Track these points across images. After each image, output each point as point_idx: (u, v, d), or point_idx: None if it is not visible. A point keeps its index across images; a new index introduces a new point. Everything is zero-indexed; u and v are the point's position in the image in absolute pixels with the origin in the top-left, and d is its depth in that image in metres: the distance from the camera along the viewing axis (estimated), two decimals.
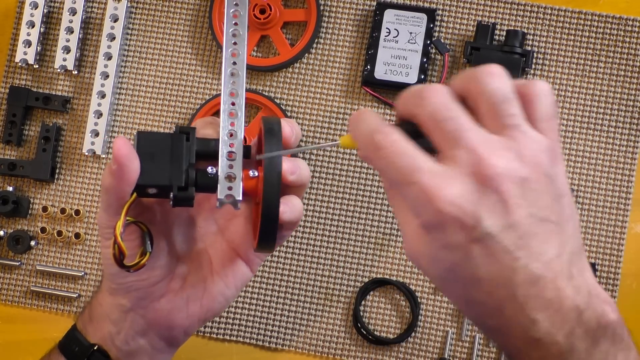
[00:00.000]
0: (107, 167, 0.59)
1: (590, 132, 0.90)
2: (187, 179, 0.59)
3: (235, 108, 0.62)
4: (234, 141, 0.61)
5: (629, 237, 0.89)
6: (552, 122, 0.47)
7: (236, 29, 0.63)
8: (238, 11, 0.63)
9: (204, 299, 0.66)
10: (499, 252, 0.45)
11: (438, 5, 0.92)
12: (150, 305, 0.64)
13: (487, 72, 0.47)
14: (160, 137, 0.60)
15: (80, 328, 0.66)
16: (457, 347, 0.89)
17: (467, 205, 0.44)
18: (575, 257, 0.47)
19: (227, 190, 0.60)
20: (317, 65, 0.93)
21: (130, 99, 0.94)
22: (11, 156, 0.94)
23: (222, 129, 0.61)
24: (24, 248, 0.92)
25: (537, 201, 0.45)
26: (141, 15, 0.95)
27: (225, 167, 0.60)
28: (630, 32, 0.90)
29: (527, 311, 0.46)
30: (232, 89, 0.62)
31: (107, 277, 0.64)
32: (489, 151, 0.45)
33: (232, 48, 0.63)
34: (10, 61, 0.95)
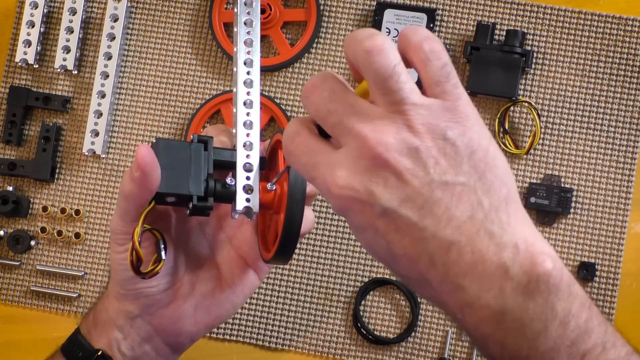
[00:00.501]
0: (127, 174, 0.58)
1: (590, 132, 0.90)
2: (206, 189, 0.59)
3: (251, 118, 0.62)
4: (250, 152, 0.61)
5: (629, 237, 0.89)
6: (446, 83, 0.47)
7: (249, 36, 0.62)
8: (250, 19, 0.62)
9: (212, 306, 0.65)
10: (404, 226, 0.44)
11: (438, 5, 0.92)
12: (157, 312, 0.64)
13: (367, 51, 0.46)
14: (180, 145, 0.60)
15: (84, 332, 0.66)
16: (457, 347, 0.89)
17: (358, 185, 0.45)
18: (497, 211, 0.45)
19: (245, 202, 0.60)
20: (317, 65, 0.93)
21: (130, 99, 0.94)
22: (11, 156, 0.94)
23: (238, 139, 0.61)
24: (24, 248, 0.92)
25: (435, 167, 0.44)
26: (141, 15, 0.95)
27: (243, 179, 0.60)
28: (630, 32, 0.90)
29: (451, 279, 0.44)
30: (247, 99, 0.62)
31: (117, 282, 0.63)
32: (374, 131, 0.45)
33: (245, 56, 0.62)
34: (10, 61, 0.95)
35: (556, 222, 0.89)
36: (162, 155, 0.59)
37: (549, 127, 0.90)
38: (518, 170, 0.90)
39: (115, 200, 0.93)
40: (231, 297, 0.66)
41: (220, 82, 0.93)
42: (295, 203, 0.58)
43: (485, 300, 0.44)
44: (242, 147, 0.61)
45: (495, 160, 0.46)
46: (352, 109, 0.46)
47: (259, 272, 0.67)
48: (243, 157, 0.61)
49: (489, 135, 0.47)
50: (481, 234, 0.44)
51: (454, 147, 0.45)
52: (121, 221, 0.60)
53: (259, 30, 0.63)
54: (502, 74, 0.88)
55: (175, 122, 0.93)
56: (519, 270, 0.44)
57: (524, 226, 0.46)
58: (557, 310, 0.44)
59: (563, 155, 0.90)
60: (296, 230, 0.58)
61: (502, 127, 0.90)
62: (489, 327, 0.45)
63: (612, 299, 0.88)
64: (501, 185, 0.46)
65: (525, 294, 0.44)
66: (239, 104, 0.62)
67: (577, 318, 0.45)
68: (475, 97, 0.91)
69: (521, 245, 0.45)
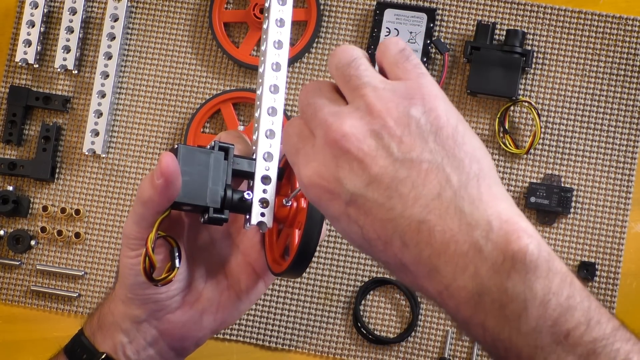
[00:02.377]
0: (148, 180, 0.58)
1: (590, 132, 0.90)
2: (223, 201, 0.59)
3: (274, 127, 0.61)
4: (270, 163, 0.60)
5: (629, 236, 0.89)
6: (405, 63, 0.47)
7: (280, 37, 0.61)
8: (282, 18, 0.61)
9: (218, 312, 0.65)
10: (373, 209, 0.44)
11: (438, 5, 0.92)
12: (164, 317, 0.64)
13: (333, 54, 0.48)
14: (201, 153, 0.59)
15: (88, 335, 0.65)
16: (457, 347, 0.89)
17: (325, 173, 0.45)
18: (466, 188, 0.44)
19: (259, 216, 0.59)
20: (317, 65, 0.93)
21: (130, 99, 0.94)
22: (11, 156, 0.94)
23: (259, 150, 0.60)
24: (24, 248, 0.92)
25: (400, 145, 0.44)
26: (141, 15, 0.95)
27: (260, 192, 0.59)
28: (630, 32, 0.90)
29: (425, 260, 0.44)
30: (272, 106, 0.61)
31: (125, 286, 0.63)
32: (336, 119, 0.45)
33: (274, 58, 0.60)
34: (11, 61, 0.95)
35: (556, 222, 0.89)
36: (182, 162, 0.58)
37: (549, 127, 0.90)
38: (518, 170, 0.90)
39: (115, 199, 0.93)
40: (237, 303, 0.66)
41: (220, 82, 0.93)
42: (314, 224, 0.57)
43: (461, 281, 0.43)
44: (262, 159, 0.60)
45: (465, 137, 0.45)
46: (325, 101, 0.47)
47: (265, 279, 0.66)
48: (262, 168, 0.60)
49: (457, 113, 0.46)
50: (451, 211, 0.43)
51: (418, 125, 0.45)
52: (136, 226, 0.60)
53: (289, 32, 0.61)
54: (502, 74, 0.88)
55: (175, 122, 0.93)
56: (493, 248, 0.43)
57: (497, 201, 0.44)
58: (536, 289, 0.43)
59: (563, 155, 0.90)
60: (313, 249, 0.57)
61: (502, 127, 0.90)
62: (468, 309, 0.44)
63: (612, 299, 0.88)
64: (472, 161, 0.45)
65: (501, 273, 0.43)
66: (263, 111, 0.60)
67: (558, 296, 0.43)
68: (476, 97, 0.91)
69: (494, 222, 0.43)
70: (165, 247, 0.61)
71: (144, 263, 0.58)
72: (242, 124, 0.92)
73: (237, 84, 0.93)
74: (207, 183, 0.59)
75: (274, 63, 0.61)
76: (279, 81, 0.61)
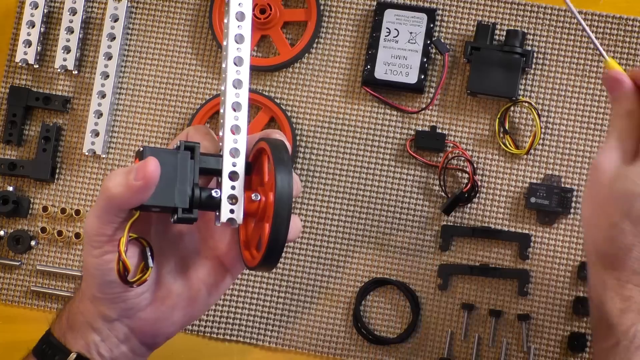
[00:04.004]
0: (119, 176, 0.58)
1: (590, 132, 0.90)
2: (191, 201, 0.59)
3: (239, 122, 0.61)
4: (237, 159, 0.60)
5: None
6: None
7: (240, 31, 0.61)
8: (242, 12, 0.61)
9: (188, 307, 0.65)
10: None
11: (438, 5, 0.92)
12: (135, 315, 0.64)
13: None
14: (167, 154, 0.59)
15: (58, 336, 0.65)
16: (457, 347, 0.89)
17: None
18: None
19: (229, 213, 0.59)
20: (317, 65, 0.93)
21: (130, 99, 0.94)
22: (11, 156, 0.94)
23: (225, 146, 0.60)
24: (24, 248, 0.92)
25: None
26: (141, 15, 0.95)
27: (228, 189, 0.59)
28: (630, 32, 0.90)
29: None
30: (235, 101, 0.61)
31: (93, 286, 0.62)
32: None
33: (235, 53, 0.61)
34: (11, 61, 0.95)
35: (556, 222, 0.89)
36: None
37: (549, 127, 0.90)
38: (518, 171, 0.90)
39: None
40: (206, 297, 0.66)
41: (220, 88, 0.93)
42: (281, 218, 0.57)
43: None
44: (229, 155, 0.60)
45: None
46: None
47: (233, 272, 0.67)
48: (229, 165, 0.60)
49: None
50: None
51: None
52: (98, 221, 0.59)
53: (250, 26, 0.61)
54: (502, 74, 0.88)
55: (175, 122, 0.93)
56: None
57: None
58: None
59: (563, 155, 0.90)
60: (282, 243, 0.58)
61: (502, 127, 0.90)
62: None
63: None
64: None
65: None
66: (228, 106, 0.60)
67: None
68: (476, 97, 0.91)
69: None
70: (136, 247, 0.61)
71: (118, 266, 0.58)
72: None
73: None
74: (174, 184, 0.59)
75: (236, 57, 0.61)
76: (242, 76, 0.61)
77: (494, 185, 0.90)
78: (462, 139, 0.91)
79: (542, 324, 0.88)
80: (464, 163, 0.90)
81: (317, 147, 0.92)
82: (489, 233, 0.89)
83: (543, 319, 0.88)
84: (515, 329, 0.88)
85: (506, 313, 0.89)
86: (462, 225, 0.90)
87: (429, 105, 0.91)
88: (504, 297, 0.89)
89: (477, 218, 0.90)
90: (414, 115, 0.91)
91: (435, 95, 0.90)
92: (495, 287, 0.89)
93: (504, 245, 0.89)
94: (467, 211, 0.90)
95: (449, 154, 0.90)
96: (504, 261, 0.89)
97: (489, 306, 0.89)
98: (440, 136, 0.90)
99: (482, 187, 0.90)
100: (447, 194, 0.90)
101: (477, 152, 0.91)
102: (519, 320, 0.88)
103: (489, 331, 0.88)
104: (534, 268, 0.89)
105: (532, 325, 0.88)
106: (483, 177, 0.90)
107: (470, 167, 0.89)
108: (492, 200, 0.90)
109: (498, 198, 0.90)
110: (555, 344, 0.88)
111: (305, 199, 0.91)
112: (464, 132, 0.91)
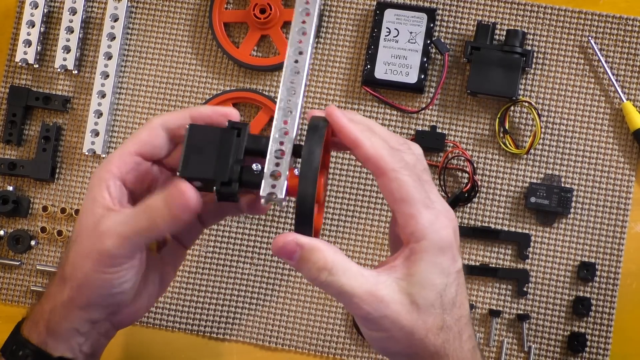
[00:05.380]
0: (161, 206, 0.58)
1: (590, 132, 0.90)
2: (231, 174, 0.59)
3: (291, 106, 0.61)
4: (285, 139, 0.60)
5: (629, 237, 0.89)
6: None
7: (304, 27, 0.62)
8: (308, 9, 0.62)
9: (160, 292, 0.67)
10: None
11: (438, 5, 0.92)
12: (121, 311, 0.65)
13: None
14: (211, 131, 0.60)
15: (37, 343, 0.64)
16: None
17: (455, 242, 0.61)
18: None
19: (270, 188, 0.59)
20: (317, 65, 0.93)
21: (130, 99, 0.94)
22: (11, 156, 0.94)
23: (275, 126, 0.61)
24: (24, 248, 0.92)
25: None
26: (141, 15, 0.95)
27: (272, 165, 0.59)
28: (630, 32, 0.90)
29: None
30: (291, 87, 0.62)
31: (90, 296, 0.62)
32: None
33: (297, 46, 0.61)
34: (11, 61, 0.95)
35: (556, 222, 0.89)
36: (192, 140, 0.59)
37: (549, 127, 0.90)
38: (518, 171, 0.90)
39: None
40: (172, 276, 0.68)
41: (220, 82, 0.93)
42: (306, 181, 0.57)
43: None
44: (277, 134, 0.60)
45: None
46: None
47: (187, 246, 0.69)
48: (276, 143, 0.60)
49: None
50: None
51: None
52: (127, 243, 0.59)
53: (315, 21, 0.61)
54: (502, 74, 0.88)
55: None
56: None
57: None
58: None
59: (563, 155, 0.90)
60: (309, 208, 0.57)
61: (502, 127, 0.90)
62: None
63: (612, 299, 0.88)
64: None
65: None
66: (283, 91, 0.61)
67: None
68: (476, 97, 0.91)
69: None
70: None
71: None
72: None
73: (237, 84, 0.93)
74: (214, 159, 0.59)
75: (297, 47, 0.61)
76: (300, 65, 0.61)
77: (494, 185, 0.90)
78: (462, 138, 0.91)
79: (542, 324, 0.88)
80: (464, 163, 0.90)
81: None
82: (488, 233, 0.89)
83: (543, 319, 0.88)
84: (515, 329, 0.88)
85: (506, 313, 0.89)
86: (462, 225, 0.90)
87: (429, 105, 0.91)
88: (504, 297, 0.89)
89: (477, 218, 0.90)
90: (414, 115, 0.91)
91: (435, 95, 0.90)
92: (495, 287, 0.89)
93: (504, 245, 0.89)
94: (467, 211, 0.90)
95: (449, 153, 0.90)
96: (503, 261, 0.89)
97: (489, 306, 0.89)
98: (440, 136, 0.90)
99: (482, 187, 0.90)
100: (447, 194, 0.90)
101: (477, 152, 0.91)
102: (518, 320, 0.88)
103: (489, 331, 0.88)
104: (534, 268, 0.89)
105: (532, 325, 0.88)
106: (483, 177, 0.90)
107: (470, 167, 0.89)
108: (492, 200, 0.90)
109: (498, 198, 0.90)
110: (555, 344, 0.88)
111: None
112: (464, 132, 0.91)
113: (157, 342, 0.91)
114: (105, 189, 0.61)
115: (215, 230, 0.92)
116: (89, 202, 0.61)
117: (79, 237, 0.61)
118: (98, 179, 0.61)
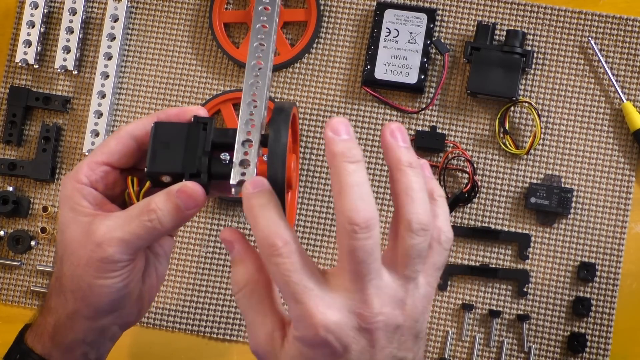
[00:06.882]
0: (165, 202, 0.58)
1: (590, 132, 0.90)
2: (199, 166, 0.59)
3: (256, 97, 0.62)
4: (252, 130, 0.61)
5: (629, 237, 0.89)
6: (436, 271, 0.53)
7: (264, 20, 0.62)
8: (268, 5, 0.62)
9: (158, 282, 0.66)
10: None
11: (438, 5, 0.92)
12: (125, 313, 0.64)
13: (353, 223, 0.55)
14: (177, 126, 0.60)
15: (41, 354, 0.63)
16: (457, 347, 0.89)
17: (342, 335, 0.50)
18: None
19: (240, 176, 0.59)
20: (317, 65, 0.93)
21: (130, 99, 0.94)
22: (11, 156, 0.94)
23: (241, 117, 0.61)
24: (24, 248, 0.92)
25: (401, 344, 0.51)
26: (141, 15, 0.95)
27: (241, 154, 0.60)
28: (630, 32, 0.90)
29: None
30: (255, 80, 0.62)
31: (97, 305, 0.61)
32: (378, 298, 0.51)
33: (259, 38, 0.62)
34: (11, 61, 0.95)
35: (556, 222, 0.89)
36: (158, 136, 0.59)
37: (549, 127, 0.90)
38: (518, 171, 0.90)
39: None
40: (166, 269, 0.68)
41: (220, 82, 0.93)
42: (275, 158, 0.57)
43: None
44: (244, 125, 0.61)
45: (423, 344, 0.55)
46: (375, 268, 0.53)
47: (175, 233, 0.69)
48: (243, 133, 0.60)
49: None
50: None
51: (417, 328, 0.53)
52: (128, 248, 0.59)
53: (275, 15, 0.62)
54: (502, 74, 0.88)
55: None
56: None
57: None
58: None
59: (563, 155, 0.90)
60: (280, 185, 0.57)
61: (502, 127, 0.90)
62: None
63: (612, 299, 0.88)
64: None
65: None
66: (247, 82, 0.61)
67: None
68: (476, 97, 0.91)
69: None
70: None
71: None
72: None
73: (237, 84, 0.93)
74: (182, 152, 0.59)
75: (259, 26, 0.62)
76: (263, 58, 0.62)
77: (494, 185, 0.90)
78: (462, 139, 0.91)
79: (541, 324, 0.88)
80: (464, 163, 0.90)
81: (317, 147, 0.92)
82: (488, 233, 0.89)
83: (543, 319, 0.88)
84: (515, 329, 0.89)
85: (506, 313, 0.89)
86: (462, 225, 0.90)
87: (429, 106, 0.91)
88: (504, 297, 0.89)
89: (477, 218, 0.90)
90: (414, 115, 0.91)
91: (435, 95, 0.90)
92: (495, 287, 0.89)
93: (504, 246, 0.90)
94: (467, 211, 0.90)
95: (449, 154, 0.90)
96: (503, 261, 0.89)
97: (489, 306, 0.89)
98: (440, 136, 0.90)
99: (482, 187, 0.90)
100: (447, 194, 0.90)
101: (477, 152, 0.91)
102: (518, 320, 0.88)
103: (489, 331, 0.88)
104: (534, 268, 0.89)
105: (531, 325, 0.88)
106: (483, 177, 0.90)
107: (470, 167, 0.89)
108: (492, 201, 0.90)
109: (498, 198, 0.90)
110: (555, 344, 0.88)
111: (306, 199, 0.91)
112: (464, 132, 0.91)
113: (157, 343, 0.91)
114: (81, 198, 0.60)
115: (216, 231, 0.92)
116: (68, 213, 0.60)
117: (70, 249, 0.60)
118: (70, 190, 0.61)
